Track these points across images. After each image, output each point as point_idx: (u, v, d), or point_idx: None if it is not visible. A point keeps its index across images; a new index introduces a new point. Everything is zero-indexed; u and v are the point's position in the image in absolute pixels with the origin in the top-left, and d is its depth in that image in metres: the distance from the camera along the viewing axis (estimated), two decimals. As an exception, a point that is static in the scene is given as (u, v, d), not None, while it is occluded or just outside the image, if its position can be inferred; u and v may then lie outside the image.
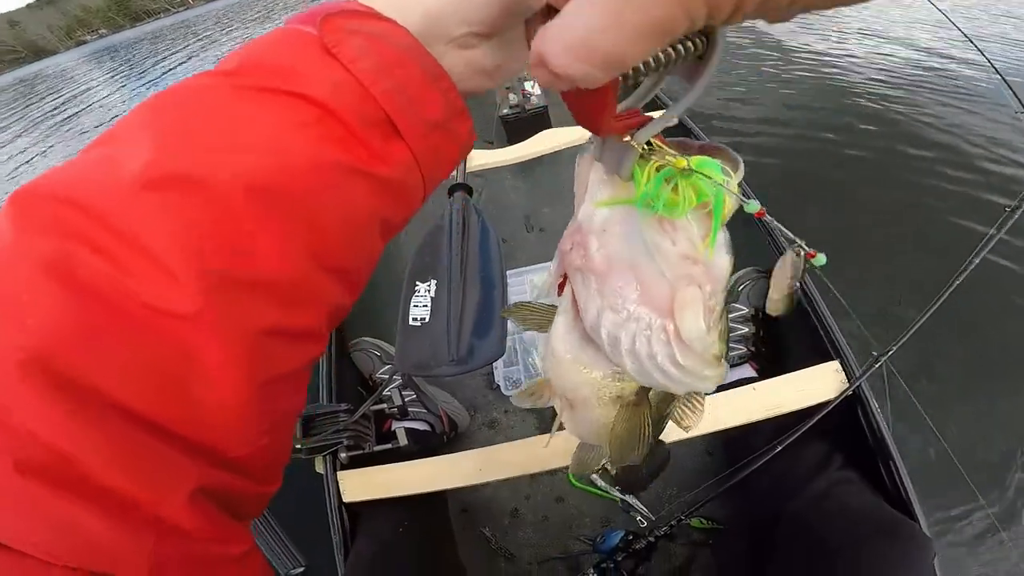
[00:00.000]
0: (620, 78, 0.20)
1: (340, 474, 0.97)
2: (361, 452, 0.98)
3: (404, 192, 0.26)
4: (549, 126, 2.07)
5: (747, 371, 1.12)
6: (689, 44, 0.19)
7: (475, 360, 0.83)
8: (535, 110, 2.12)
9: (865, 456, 0.86)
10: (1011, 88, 1.13)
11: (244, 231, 0.21)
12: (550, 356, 0.31)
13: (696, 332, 0.25)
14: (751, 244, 1.24)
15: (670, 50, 0.19)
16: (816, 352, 0.95)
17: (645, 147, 0.24)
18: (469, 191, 1.24)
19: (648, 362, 0.26)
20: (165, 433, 0.20)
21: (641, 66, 0.19)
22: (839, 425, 0.87)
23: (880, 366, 0.84)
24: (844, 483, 0.83)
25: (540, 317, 0.32)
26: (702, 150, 0.25)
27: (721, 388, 1.07)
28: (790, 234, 0.31)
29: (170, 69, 9.98)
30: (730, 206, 0.24)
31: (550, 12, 0.21)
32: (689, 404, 0.35)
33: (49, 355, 0.18)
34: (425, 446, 1.14)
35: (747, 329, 1.13)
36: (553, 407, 0.40)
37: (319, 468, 0.97)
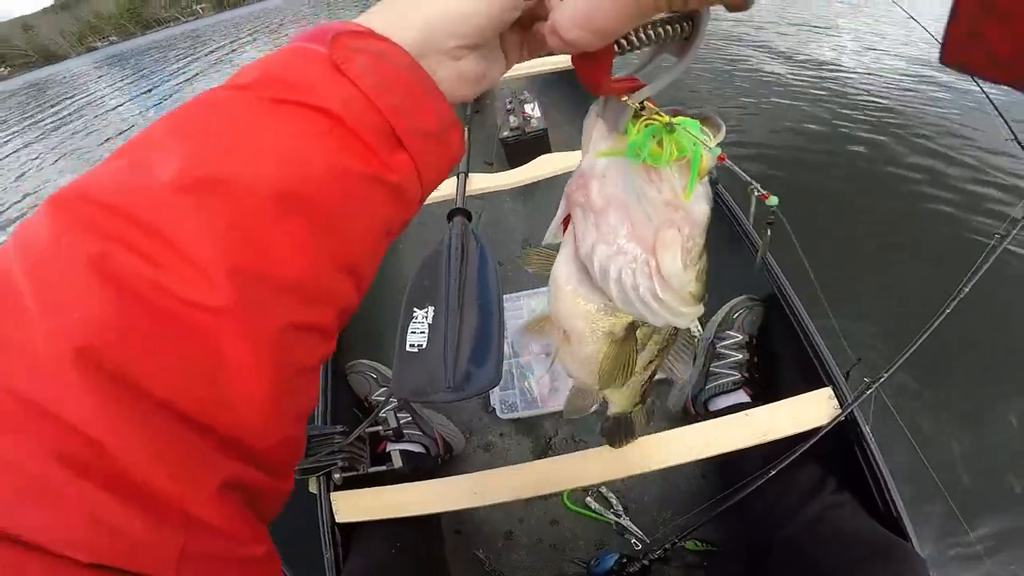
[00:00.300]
0: (615, 47, 0.25)
1: (334, 495, 0.98)
2: (355, 473, 0.99)
3: (407, 198, 0.28)
4: (549, 149, 2.10)
5: (741, 396, 1.13)
6: (677, 26, 0.25)
7: (471, 387, 0.84)
8: (535, 132, 2.14)
9: (858, 479, 0.87)
10: (1000, 113, 1.16)
11: (271, 233, 0.22)
12: (552, 286, 0.36)
13: (674, 269, 0.29)
14: (745, 273, 1.26)
15: (660, 30, 0.25)
16: (809, 378, 0.97)
17: (639, 108, 0.28)
18: (468, 216, 1.26)
19: (632, 292, 0.30)
20: (196, 426, 0.21)
21: (635, 39, 0.25)
22: (832, 449, 0.88)
23: (872, 392, 0.86)
24: (837, 507, 0.85)
25: (547, 260, 0.37)
26: (684, 114, 0.29)
27: (715, 414, 1.09)
28: (746, 176, 0.36)
29: (177, 79, 10.05)
30: (707, 161, 0.28)
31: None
32: (680, 356, 0.40)
33: (98, 349, 0.19)
34: (420, 468, 1.15)
35: (741, 356, 1.15)
36: (546, 434, 0.43)
37: (312, 488, 0.98)
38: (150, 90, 9.39)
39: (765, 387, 1.14)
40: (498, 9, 0.28)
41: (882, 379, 0.86)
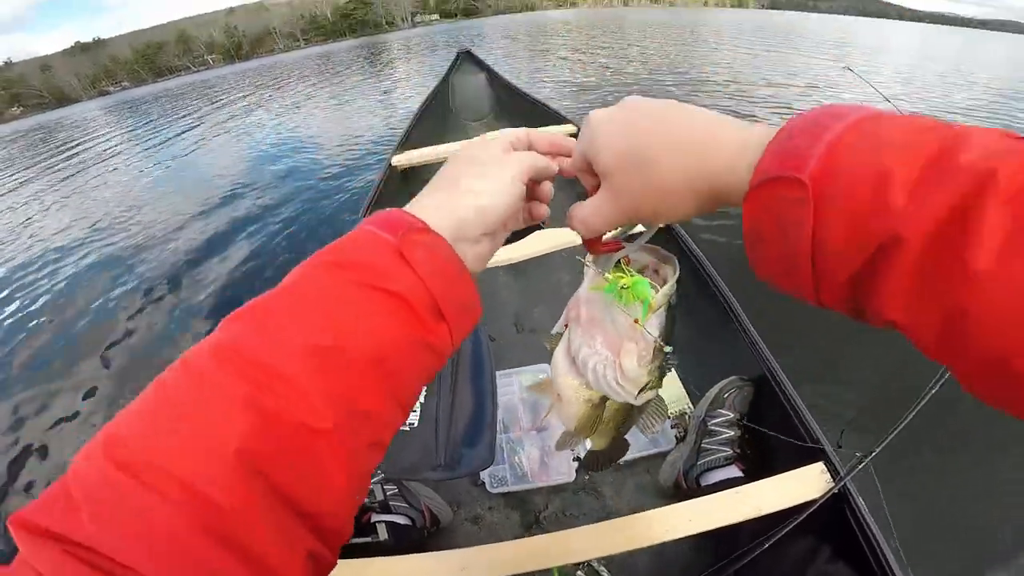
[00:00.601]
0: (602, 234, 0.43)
1: None
2: None
3: (443, 354, 0.36)
4: (543, 225, 2.17)
5: (734, 471, 1.14)
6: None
7: (463, 467, 0.86)
8: None
9: (853, 549, 0.87)
10: None
11: (360, 383, 0.31)
12: (552, 365, 0.49)
13: (631, 368, 0.43)
14: (735, 353, 1.30)
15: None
16: (801, 453, 0.99)
17: (619, 262, 0.45)
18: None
19: (601, 379, 0.44)
20: (300, 511, 0.29)
21: (613, 231, 0.43)
22: (826, 520, 0.89)
23: (864, 466, 0.89)
24: None
25: (556, 340, 0.50)
26: (655, 261, 0.45)
27: (708, 488, 1.11)
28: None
29: (184, 131, 10.30)
30: (655, 304, 0.41)
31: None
32: (653, 416, 0.52)
33: (249, 452, 0.26)
34: (406, 541, 1.14)
35: (732, 433, 1.17)
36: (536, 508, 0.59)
37: None
38: (158, 143, 9.55)
39: (757, 462, 1.16)
40: (510, 207, 0.40)
41: (874, 453, 0.89)
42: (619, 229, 0.46)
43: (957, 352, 0.23)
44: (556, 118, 2.94)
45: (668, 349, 0.43)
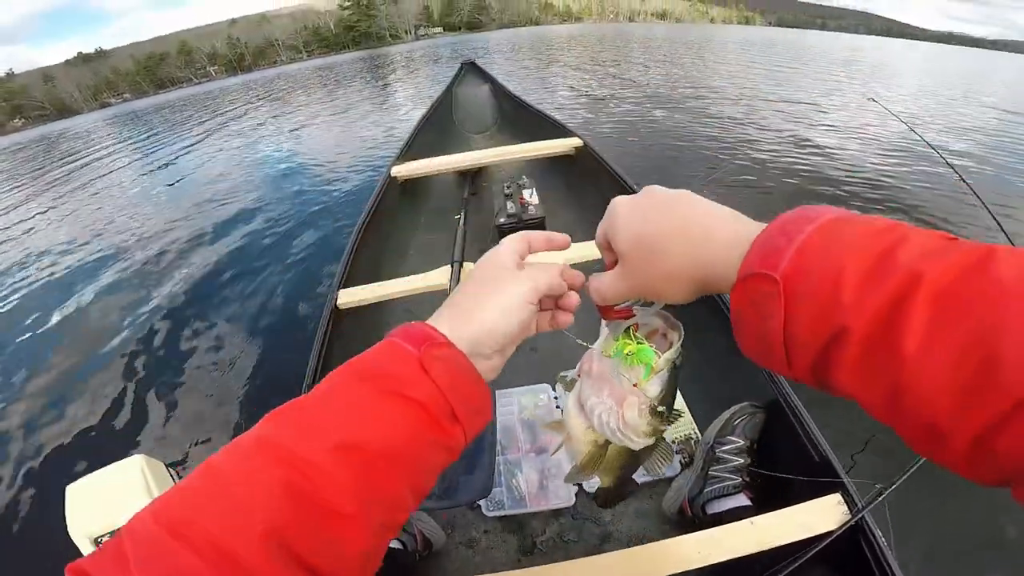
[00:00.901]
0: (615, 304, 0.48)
1: None
2: None
3: (456, 451, 0.41)
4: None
5: (742, 500, 1.11)
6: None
7: (460, 496, 0.83)
8: (533, 220, 2.17)
9: None
10: (965, 180, 1.22)
11: (381, 473, 0.35)
12: (564, 408, 0.55)
13: (631, 418, 0.48)
14: (747, 379, 1.27)
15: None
16: (815, 483, 0.95)
17: (629, 328, 0.49)
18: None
19: (605, 425, 0.49)
20: None
21: (624, 303, 0.48)
22: (840, 553, 0.86)
23: (884, 498, 0.86)
24: None
25: (569, 385, 0.55)
26: (664, 326, 0.49)
27: (714, 516, 1.08)
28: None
29: (185, 143, 10.33)
30: (657, 368, 0.46)
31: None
32: (659, 459, 0.57)
33: (279, 529, 0.31)
34: (396, 565, 1.11)
35: (741, 460, 1.14)
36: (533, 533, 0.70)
37: None
38: (159, 155, 9.56)
39: (767, 491, 1.12)
40: (519, 328, 0.44)
41: (895, 485, 0.86)
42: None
43: (898, 418, 0.27)
44: (561, 131, 2.90)
45: (661, 409, 0.48)
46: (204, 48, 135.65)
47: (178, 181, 6.96)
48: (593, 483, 0.74)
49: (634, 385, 0.47)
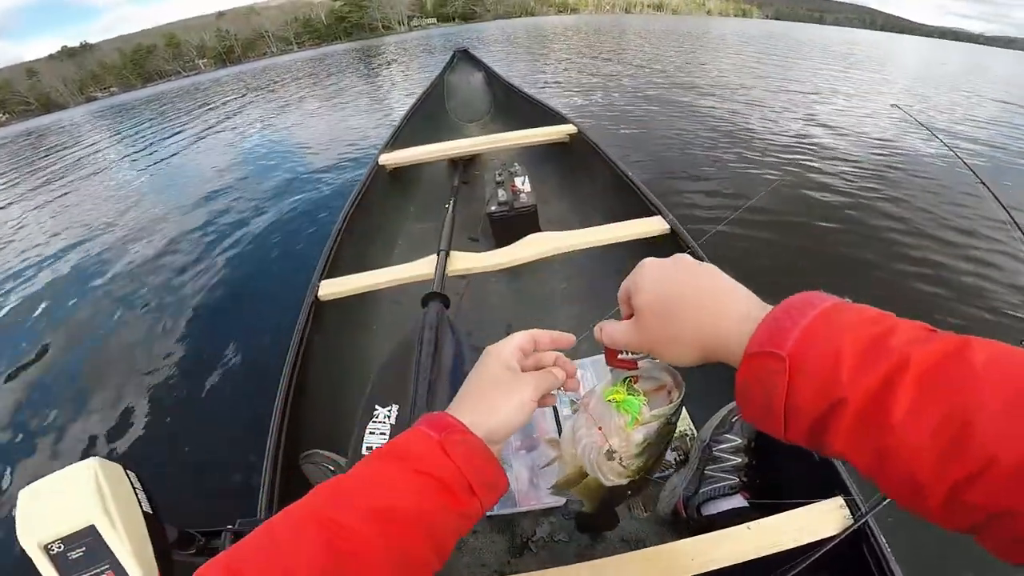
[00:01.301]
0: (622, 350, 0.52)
1: None
2: None
3: (473, 518, 0.47)
4: (538, 227, 2.04)
5: (739, 501, 1.06)
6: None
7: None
8: (524, 209, 2.10)
9: None
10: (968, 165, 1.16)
11: (410, 535, 0.42)
12: (563, 431, 0.61)
13: (605, 458, 0.53)
14: None
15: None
16: (816, 485, 0.91)
17: (628, 377, 0.54)
18: (446, 302, 1.20)
19: (587, 458, 0.55)
20: None
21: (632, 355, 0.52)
22: (843, 558, 0.82)
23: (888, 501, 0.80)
24: None
25: (574, 407, 0.60)
26: (671, 383, 0.53)
27: (710, 518, 1.04)
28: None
29: (174, 134, 10.18)
30: (642, 420, 0.51)
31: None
32: (639, 503, 0.66)
33: None
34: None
35: (739, 460, 1.08)
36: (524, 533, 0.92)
37: None
38: (148, 147, 9.41)
39: (765, 492, 1.06)
40: (525, 420, 0.52)
41: None
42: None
43: (882, 474, 0.31)
44: (556, 118, 2.83)
45: (639, 456, 0.54)
46: (192, 41, 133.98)
47: (164, 172, 6.88)
48: (573, 507, 0.75)
49: (624, 428, 0.52)
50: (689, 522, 1.11)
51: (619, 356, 0.53)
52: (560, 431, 1.27)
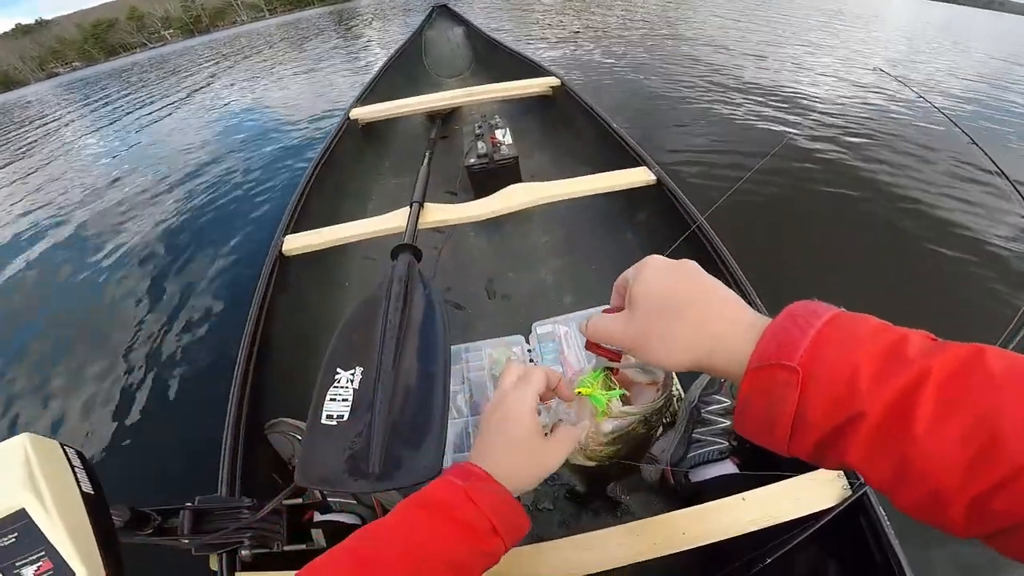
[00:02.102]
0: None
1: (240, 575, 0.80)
2: (268, 551, 0.80)
3: (497, 556, 0.49)
4: (519, 179, 1.95)
5: (728, 467, 1.00)
6: None
7: (401, 477, 0.67)
8: (505, 161, 1.99)
9: (865, 566, 0.75)
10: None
11: (437, 574, 0.46)
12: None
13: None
14: None
15: None
16: None
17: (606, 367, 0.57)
18: (417, 254, 1.09)
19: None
20: None
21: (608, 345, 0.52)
22: (839, 529, 0.76)
23: None
24: None
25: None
26: (661, 383, 0.56)
27: (699, 485, 0.99)
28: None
29: (143, 105, 9.74)
30: (610, 413, 0.56)
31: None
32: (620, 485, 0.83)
33: None
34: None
35: (728, 422, 1.00)
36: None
37: (213, 565, 0.80)
38: (116, 119, 8.97)
39: (755, 457, 1.00)
40: (546, 476, 0.53)
41: None
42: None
43: (902, 487, 0.30)
44: (538, 71, 2.72)
45: (607, 443, 0.59)
46: (156, 12, 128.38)
47: (134, 141, 6.59)
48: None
49: (594, 417, 0.56)
50: (677, 488, 1.04)
51: (602, 346, 0.52)
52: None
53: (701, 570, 0.86)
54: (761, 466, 0.85)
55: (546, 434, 0.54)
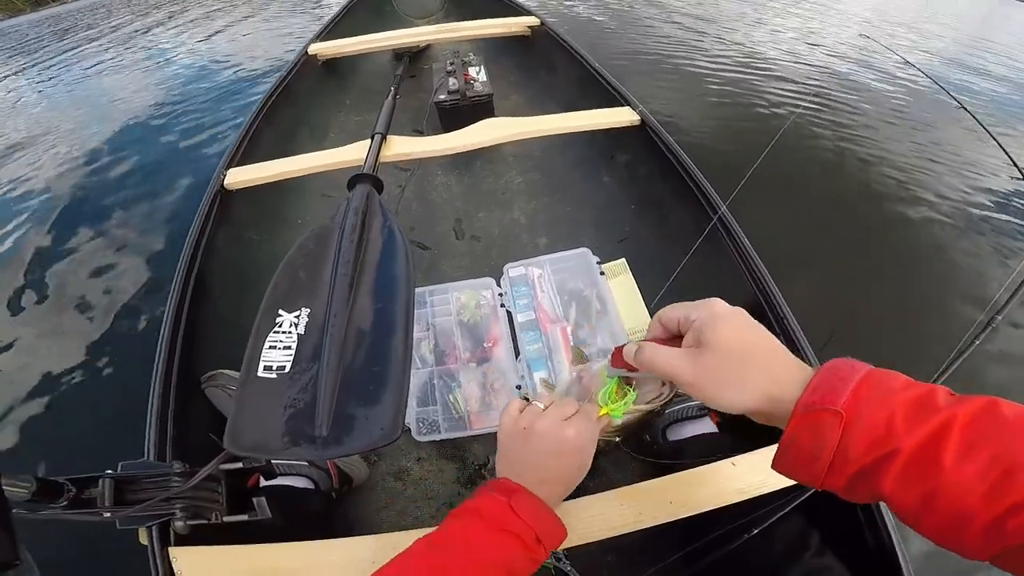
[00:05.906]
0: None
1: (174, 550, 0.70)
2: (206, 522, 0.70)
3: (539, 562, 0.56)
4: (493, 116, 1.83)
5: (707, 425, 0.97)
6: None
7: (354, 440, 0.57)
8: (478, 98, 1.87)
9: (853, 537, 0.72)
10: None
11: None
12: (557, 387, 0.71)
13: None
14: (718, 272, 1.08)
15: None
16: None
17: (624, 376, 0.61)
18: (378, 185, 0.96)
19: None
20: None
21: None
22: (825, 498, 0.71)
23: None
24: (822, 572, 0.71)
25: (577, 359, 0.87)
26: (660, 385, 0.60)
27: (676, 444, 0.96)
28: None
29: (83, 53, 8.84)
30: (619, 421, 0.60)
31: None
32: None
33: None
34: (304, 510, 0.88)
35: None
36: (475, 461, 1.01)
37: (143, 540, 0.70)
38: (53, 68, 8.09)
39: (735, 415, 0.94)
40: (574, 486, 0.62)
41: None
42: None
43: (928, 513, 0.35)
44: (516, 10, 2.58)
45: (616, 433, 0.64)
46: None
47: (76, 91, 5.99)
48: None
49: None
50: (654, 446, 1.01)
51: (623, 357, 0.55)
52: (514, 337, 1.21)
53: (683, 538, 0.81)
54: (742, 425, 0.80)
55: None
